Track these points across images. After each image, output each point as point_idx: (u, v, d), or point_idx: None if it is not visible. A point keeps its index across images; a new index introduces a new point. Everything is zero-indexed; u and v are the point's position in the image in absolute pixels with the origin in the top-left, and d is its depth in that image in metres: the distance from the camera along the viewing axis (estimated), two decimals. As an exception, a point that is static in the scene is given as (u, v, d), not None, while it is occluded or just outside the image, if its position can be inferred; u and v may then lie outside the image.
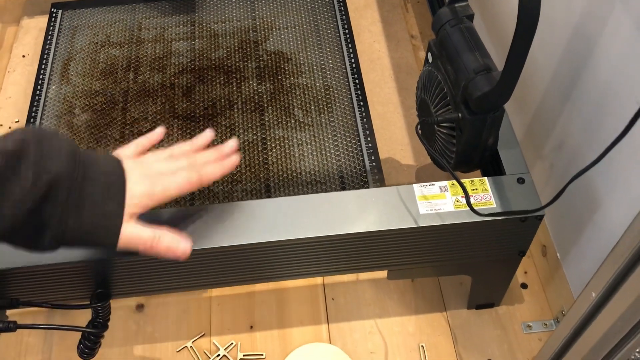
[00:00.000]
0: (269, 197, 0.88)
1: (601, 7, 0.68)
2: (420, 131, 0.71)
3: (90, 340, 0.71)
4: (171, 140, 0.97)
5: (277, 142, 0.96)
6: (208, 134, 0.69)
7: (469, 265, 0.79)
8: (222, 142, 0.95)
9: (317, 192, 0.88)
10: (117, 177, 0.58)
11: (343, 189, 0.84)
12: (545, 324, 0.88)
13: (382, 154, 1.02)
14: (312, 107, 1.00)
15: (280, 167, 0.93)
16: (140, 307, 0.91)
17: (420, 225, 0.68)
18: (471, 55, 0.69)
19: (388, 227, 0.68)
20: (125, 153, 0.63)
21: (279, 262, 0.72)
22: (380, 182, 0.91)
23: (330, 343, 0.87)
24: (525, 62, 0.62)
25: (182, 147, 0.66)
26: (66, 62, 1.09)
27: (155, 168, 0.61)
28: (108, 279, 0.71)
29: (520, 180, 0.71)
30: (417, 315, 0.89)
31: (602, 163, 0.72)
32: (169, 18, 1.14)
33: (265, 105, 1.01)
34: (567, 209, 0.82)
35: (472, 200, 0.69)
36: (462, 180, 0.70)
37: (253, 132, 0.97)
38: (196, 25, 1.13)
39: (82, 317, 0.87)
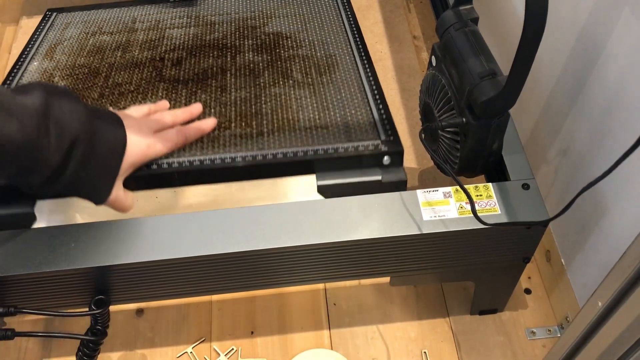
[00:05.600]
0: (261, 141, 0.75)
1: (609, 11, 0.67)
2: (423, 136, 0.70)
3: (90, 348, 0.70)
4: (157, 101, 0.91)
5: (273, 97, 0.84)
6: (194, 108, 0.78)
7: (472, 272, 0.78)
8: (213, 102, 0.85)
9: (319, 138, 0.75)
10: (120, 137, 0.64)
11: (349, 138, 0.74)
12: (549, 330, 0.87)
13: (385, 157, 1.01)
14: (313, 71, 0.89)
15: (275, 117, 0.81)
16: (140, 311, 0.90)
17: (424, 232, 0.67)
18: (476, 60, 0.68)
19: (391, 234, 0.67)
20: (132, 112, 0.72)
21: (280, 268, 0.71)
22: (393, 134, 0.75)
23: (331, 349, 0.86)
24: (531, 66, 0.61)
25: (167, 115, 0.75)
26: (52, 46, 1.04)
27: (148, 127, 0.69)
28: (107, 285, 0.70)
29: (525, 186, 0.70)
30: (419, 321, 0.88)
31: (609, 164, 0.71)
32: (166, 13, 1.11)
33: (262, 72, 0.91)
34: (572, 214, 0.81)
35: (476, 207, 0.68)
36: (467, 186, 0.69)
37: (246, 90, 0.86)
38: (192, 18, 1.10)
39: (81, 323, 0.87)
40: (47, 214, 0.95)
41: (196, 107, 0.78)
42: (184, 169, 0.72)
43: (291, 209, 0.69)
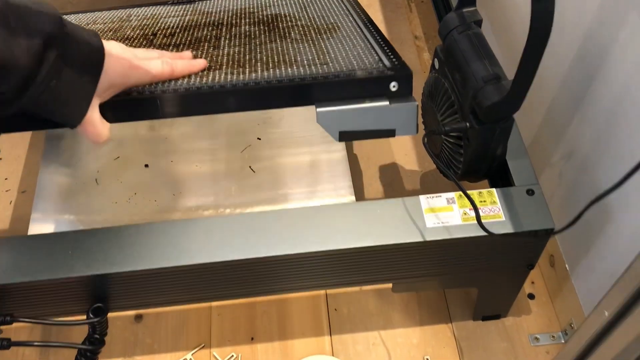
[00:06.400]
0: (255, 76, 0.67)
1: (614, 14, 0.66)
2: (426, 140, 0.69)
3: (87, 357, 0.69)
4: None
5: (269, 50, 0.77)
6: (184, 54, 0.71)
7: (475, 278, 0.77)
8: (204, 54, 0.77)
9: (318, 70, 0.66)
10: (98, 48, 0.58)
11: (352, 68, 0.66)
12: (553, 336, 0.86)
13: (385, 160, 1.00)
14: (313, 33, 0.82)
15: (271, 60, 0.73)
16: (138, 317, 0.89)
17: (427, 239, 0.66)
18: (480, 64, 0.67)
19: (394, 241, 0.66)
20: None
21: (281, 276, 0.70)
22: (399, 62, 0.67)
23: (332, 355, 0.85)
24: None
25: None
26: None
27: (132, 53, 0.63)
28: (105, 293, 0.69)
29: (530, 192, 0.69)
30: (421, 327, 0.87)
31: (616, 174, 0.70)
32: (163, 9, 1.09)
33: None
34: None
35: (480, 213, 0.67)
36: (471, 192, 0.68)
37: (241, 47, 0.80)
38: (189, 10, 1.07)
39: (79, 330, 0.86)
40: (45, 218, 0.94)
41: (186, 53, 0.72)
42: (169, 97, 0.63)
43: (291, 215, 0.68)
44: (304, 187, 0.97)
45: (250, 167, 1.00)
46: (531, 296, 0.90)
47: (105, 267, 0.65)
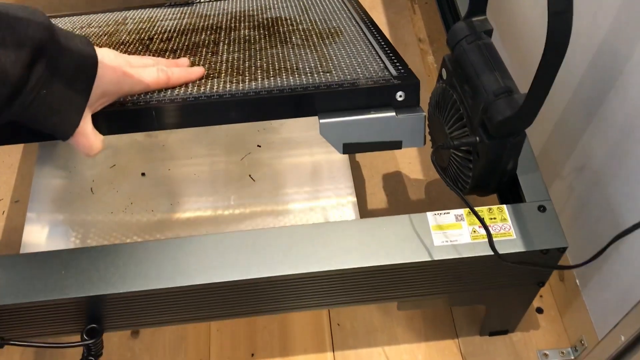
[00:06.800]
0: (255, 85, 0.65)
1: (631, 24, 0.63)
2: (434, 158, 0.66)
3: (81, 380, 0.66)
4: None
5: (270, 56, 0.75)
6: (180, 61, 0.69)
7: (484, 296, 0.74)
8: (202, 61, 0.76)
9: (321, 79, 0.65)
10: (90, 55, 0.56)
11: (356, 77, 0.64)
12: (562, 353, 0.83)
13: (389, 169, 0.97)
14: (315, 37, 0.81)
15: (272, 67, 0.71)
16: (135, 333, 0.86)
17: (435, 258, 0.63)
18: (491, 76, 0.64)
19: (400, 260, 0.63)
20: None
21: (283, 296, 0.67)
22: (406, 71, 0.65)
23: (335, 372, 0.83)
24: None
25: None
26: None
27: (126, 60, 0.61)
28: (100, 314, 0.66)
29: (542, 208, 0.67)
30: (427, 342, 0.85)
31: (630, 187, 0.68)
32: (160, 12, 1.06)
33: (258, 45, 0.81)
34: (588, 235, 0.78)
35: (490, 231, 0.64)
36: (480, 209, 0.65)
37: (240, 53, 0.78)
38: (187, 13, 1.04)
39: (73, 350, 0.83)
40: (39, 229, 0.91)
41: (182, 60, 0.69)
42: (164, 108, 0.61)
43: (294, 233, 0.65)
44: (305, 196, 0.95)
45: (250, 175, 0.97)
46: (539, 310, 0.87)
47: (100, 288, 0.62)
